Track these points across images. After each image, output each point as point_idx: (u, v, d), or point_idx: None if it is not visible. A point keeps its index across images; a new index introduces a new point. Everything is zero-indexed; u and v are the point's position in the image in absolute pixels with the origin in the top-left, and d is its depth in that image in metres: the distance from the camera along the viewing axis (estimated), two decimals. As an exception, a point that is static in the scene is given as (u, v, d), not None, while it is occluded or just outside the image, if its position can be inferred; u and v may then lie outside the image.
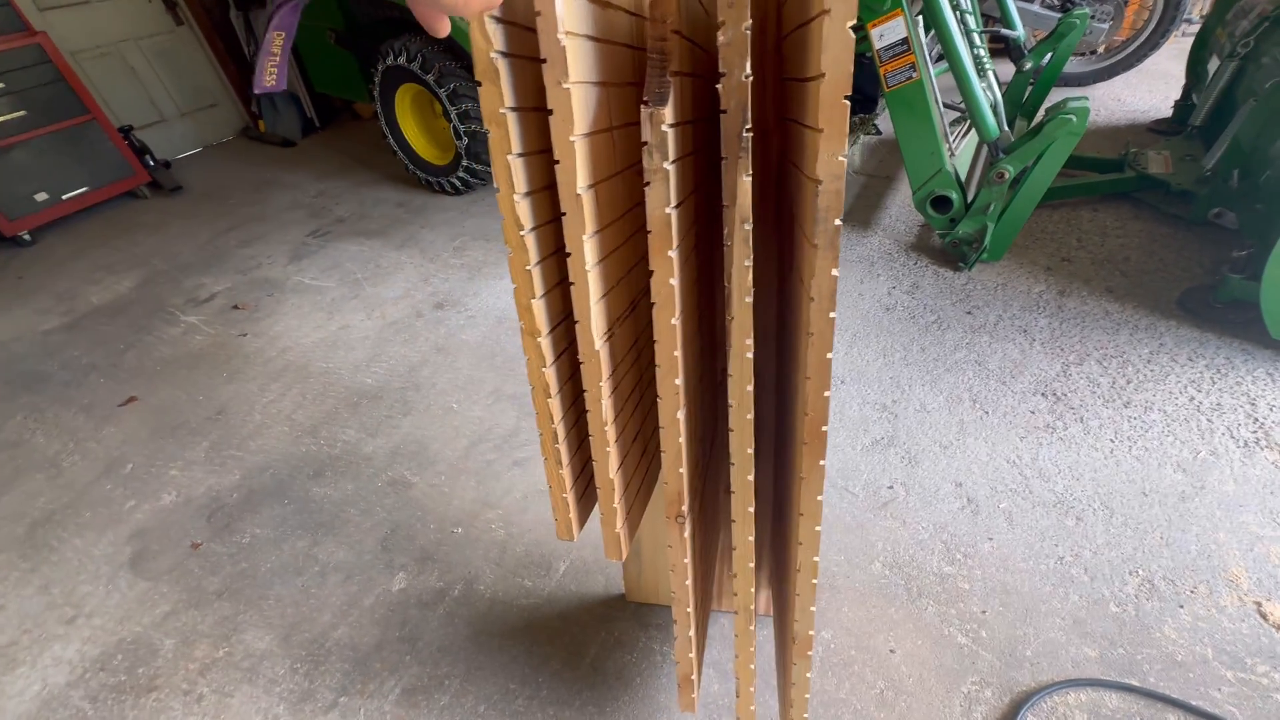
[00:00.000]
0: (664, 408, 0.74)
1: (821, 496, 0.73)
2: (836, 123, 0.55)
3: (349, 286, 3.07)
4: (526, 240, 0.68)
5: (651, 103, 0.59)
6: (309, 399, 2.34)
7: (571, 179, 0.63)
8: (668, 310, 0.68)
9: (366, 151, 4.89)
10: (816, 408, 0.68)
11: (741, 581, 0.83)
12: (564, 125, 0.60)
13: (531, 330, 0.73)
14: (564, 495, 0.84)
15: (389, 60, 3.43)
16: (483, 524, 1.76)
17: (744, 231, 0.62)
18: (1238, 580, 1.37)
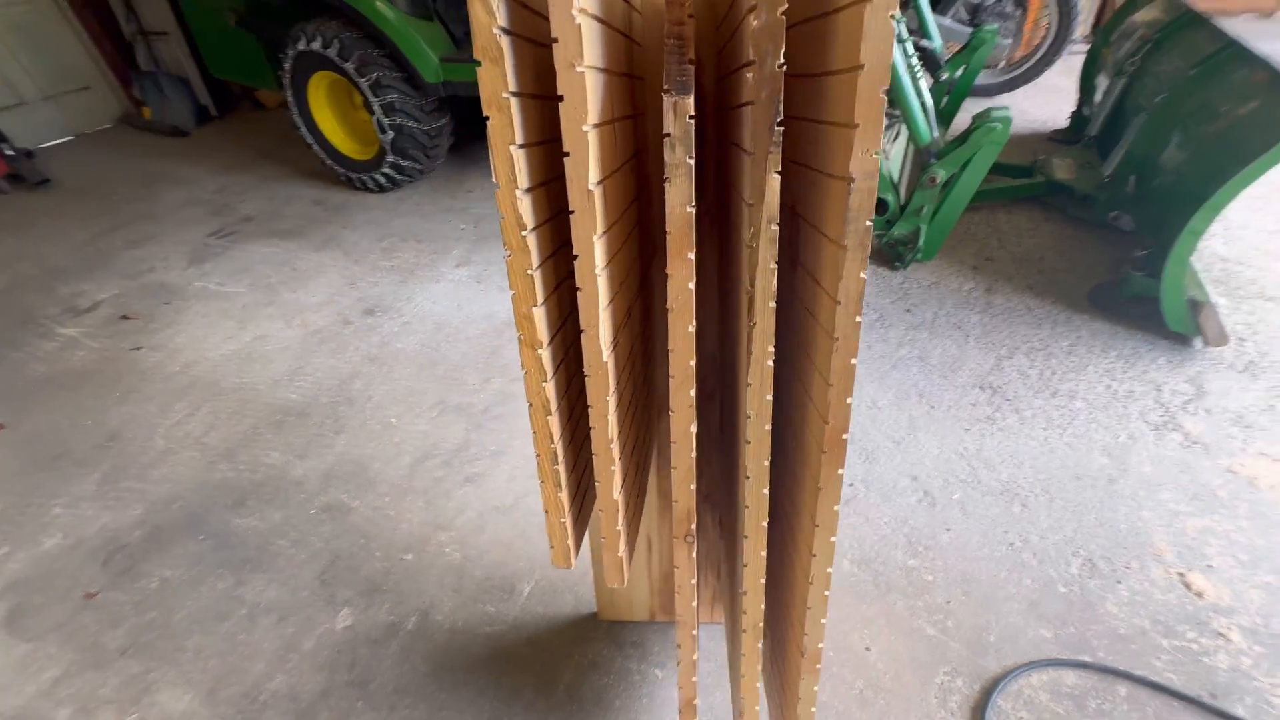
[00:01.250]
0: (677, 421, 0.68)
1: (837, 506, 0.70)
2: (873, 117, 0.52)
3: (263, 292, 2.79)
4: (529, 241, 0.60)
5: (674, 91, 0.54)
6: (222, 419, 2.10)
7: (583, 172, 0.56)
8: (685, 317, 0.63)
9: (274, 144, 4.50)
10: (839, 415, 0.65)
11: (752, 599, 0.79)
12: (577, 112, 0.54)
13: (531, 341, 0.66)
14: (562, 520, 0.77)
15: (301, 45, 3.16)
16: (435, 548, 1.63)
17: (771, 232, 0.57)
18: (1163, 554, 1.49)
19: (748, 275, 0.61)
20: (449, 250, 3.02)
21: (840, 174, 0.55)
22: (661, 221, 1.01)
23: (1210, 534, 1.53)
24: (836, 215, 0.57)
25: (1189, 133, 2.15)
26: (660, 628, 1.43)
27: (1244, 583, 1.42)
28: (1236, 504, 1.59)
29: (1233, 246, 2.57)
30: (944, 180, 2.30)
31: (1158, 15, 2.84)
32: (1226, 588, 1.42)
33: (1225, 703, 1.23)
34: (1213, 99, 2.10)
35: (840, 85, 0.53)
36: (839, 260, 0.57)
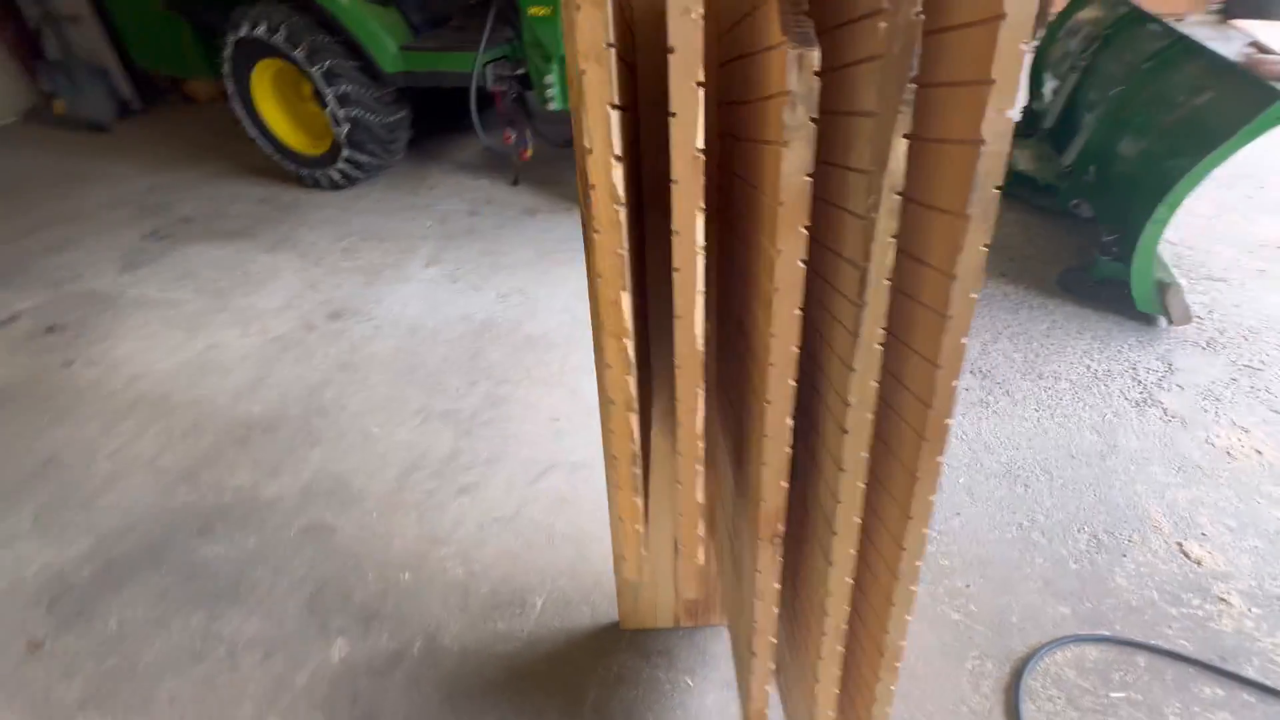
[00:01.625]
0: (772, 413, 0.63)
1: (934, 496, 0.66)
2: (1012, 72, 0.47)
3: (212, 297, 2.57)
4: (621, 216, 0.53)
5: (795, 42, 0.48)
6: (177, 437, 1.90)
7: (690, 135, 0.50)
8: (792, 299, 0.57)
9: (210, 139, 4.18)
10: (944, 399, 0.61)
11: (836, 601, 0.74)
12: (689, 66, 0.47)
13: (617, 330, 0.59)
14: (637, 527, 0.70)
15: (243, 31, 2.93)
16: (435, 565, 1.52)
17: (893, 202, 0.52)
18: (1160, 525, 1.55)
19: (860, 250, 0.56)
20: (416, 249, 2.86)
21: (966, 137, 0.50)
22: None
23: (1199, 503, 1.59)
24: (956, 183, 0.52)
25: (1147, 123, 2.26)
26: (686, 634, 1.37)
27: (1235, 548, 1.49)
28: (1218, 473, 1.67)
29: (1179, 231, 2.72)
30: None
31: (1100, 14, 2.99)
32: (1221, 554, 1.48)
33: (1235, 665, 1.28)
34: (1168, 91, 2.21)
35: (973, 38, 0.49)
36: (958, 233, 0.53)
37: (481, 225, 3.03)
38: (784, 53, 0.47)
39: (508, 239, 2.91)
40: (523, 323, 2.35)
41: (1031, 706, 1.23)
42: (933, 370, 0.60)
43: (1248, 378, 1.96)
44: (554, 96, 2.69)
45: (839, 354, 0.63)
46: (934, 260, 0.56)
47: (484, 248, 2.85)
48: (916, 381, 0.62)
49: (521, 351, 2.21)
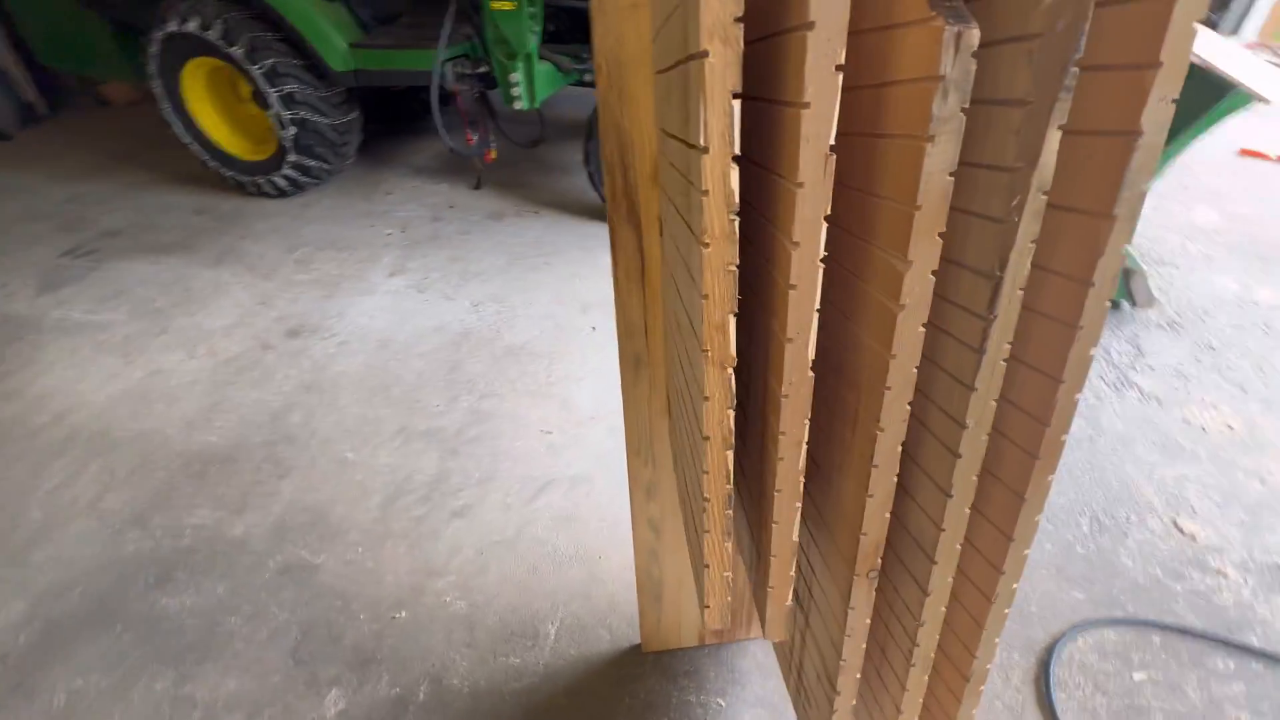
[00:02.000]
0: (884, 441, 0.57)
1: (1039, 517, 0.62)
2: (1181, 55, 0.43)
3: (149, 319, 2.33)
4: (735, 227, 0.46)
5: (950, 19, 0.42)
6: (121, 477, 1.70)
7: (826, 130, 0.43)
8: (918, 315, 0.51)
9: (133, 145, 3.85)
10: (1064, 415, 0.56)
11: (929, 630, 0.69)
12: (830, 46, 0.40)
13: (722, 359, 0.51)
14: (726, 574, 0.63)
15: (172, 27, 2.69)
16: (433, 599, 1.40)
17: (1040, 202, 0.47)
18: (1153, 504, 1.60)
19: (990, 258, 0.50)
20: (377, 258, 2.69)
21: (1121, 129, 0.45)
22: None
23: (1185, 480, 1.65)
24: (1103, 180, 0.47)
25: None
26: (712, 651, 1.31)
27: (1223, 521, 1.55)
28: (1197, 449, 1.74)
29: (1127, 220, 2.87)
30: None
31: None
32: (1211, 528, 1.53)
33: (1241, 636, 1.32)
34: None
35: (1138, 15, 0.44)
36: (1099, 235, 0.48)
37: (446, 231, 2.89)
38: (938, 30, 0.41)
39: (476, 245, 2.78)
40: (501, 332, 2.24)
41: (1062, 695, 1.22)
42: (1054, 385, 0.55)
43: (1209, 356, 2.06)
44: (520, 95, 2.58)
45: (951, 372, 0.57)
46: (1063, 267, 0.51)
47: (451, 254, 2.71)
48: (1031, 398, 0.57)
49: (503, 362, 2.10)
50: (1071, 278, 0.51)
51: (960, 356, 0.56)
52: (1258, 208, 2.95)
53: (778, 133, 0.48)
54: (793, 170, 0.45)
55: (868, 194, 0.54)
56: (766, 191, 0.53)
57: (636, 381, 1.01)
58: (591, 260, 2.66)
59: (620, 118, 0.82)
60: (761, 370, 0.61)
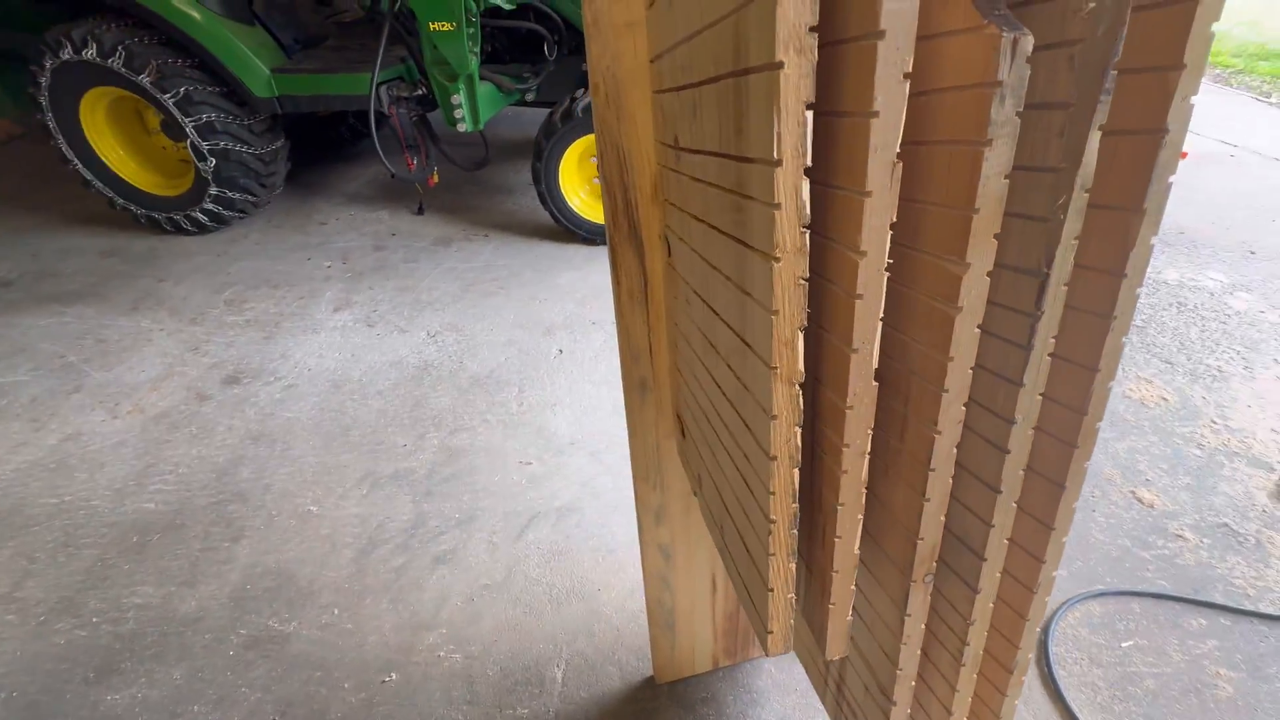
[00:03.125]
0: (941, 444, 0.56)
1: (1075, 503, 0.64)
2: (1201, 56, 0.45)
3: (58, 376, 2.09)
4: (806, 242, 0.44)
5: (1005, 27, 0.42)
6: (41, 560, 1.50)
7: (892, 139, 0.42)
8: (975, 316, 0.51)
9: (17, 185, 3.48)
10: (1098, 404, 0.58)
11: (978, 629, 0.69)
12: (898, 55, 0.39)
13: (791, 375, 0.49)
14: (790, 596, 0.60)
15: (65, 54, 2.45)
16: (425, 655, 1.30)
17: (1082, 200, 0.48)
18: (1113, 477, 1.70)
19: (1035, 257, 0.51)
20: (319, 293, 2.53)
21: (1149, 127, 0.47)
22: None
23: (1136, 452, 1.77)
24: (1132, 176, 0.49)
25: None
26: (726, 675, 1.27)
27: (1174, 488, 1.67)
28: (1142, 422, 1.87)
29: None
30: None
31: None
32: (1165, 495, 1.65)
33: (1206, 594, 1.41)
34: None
35: (1162, 20, 0.45)
36: (1130, 228, 0.50)
37: (391, 260, 2.75)
38: (995, 37, 0.41)
39: (424, 272, 2.66)
40: (464, 362, 2.14)
41: (1063, 672, 1.27)
42: (1090, 375, 0.56)
43: (1136, 335, 2.24)
44: (464, 117, 2.51)
45: (996, 371, 0.57)
46: (1096, 260, 0.53)
47: (399, 284, 2.58)
48: (1066, 389, 0.58)
49: (470, 394, 2.00)
50: (1105, 270, 0.52)
51: (1006, 355, 0.56)
52: (1152, 197, 3.25)
53: (840, 143, 0.47)
54: (860, 180, 0.44)
55: (915, 201, 0.54)
56: (825, 202, 0.51)
57: (643, 405, 0.97)
58: (548, 281, 2.60)
59: (619, 137, 0.79)
60: (819, 384, 0.59)
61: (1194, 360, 2.11)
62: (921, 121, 0.51)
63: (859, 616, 0.78)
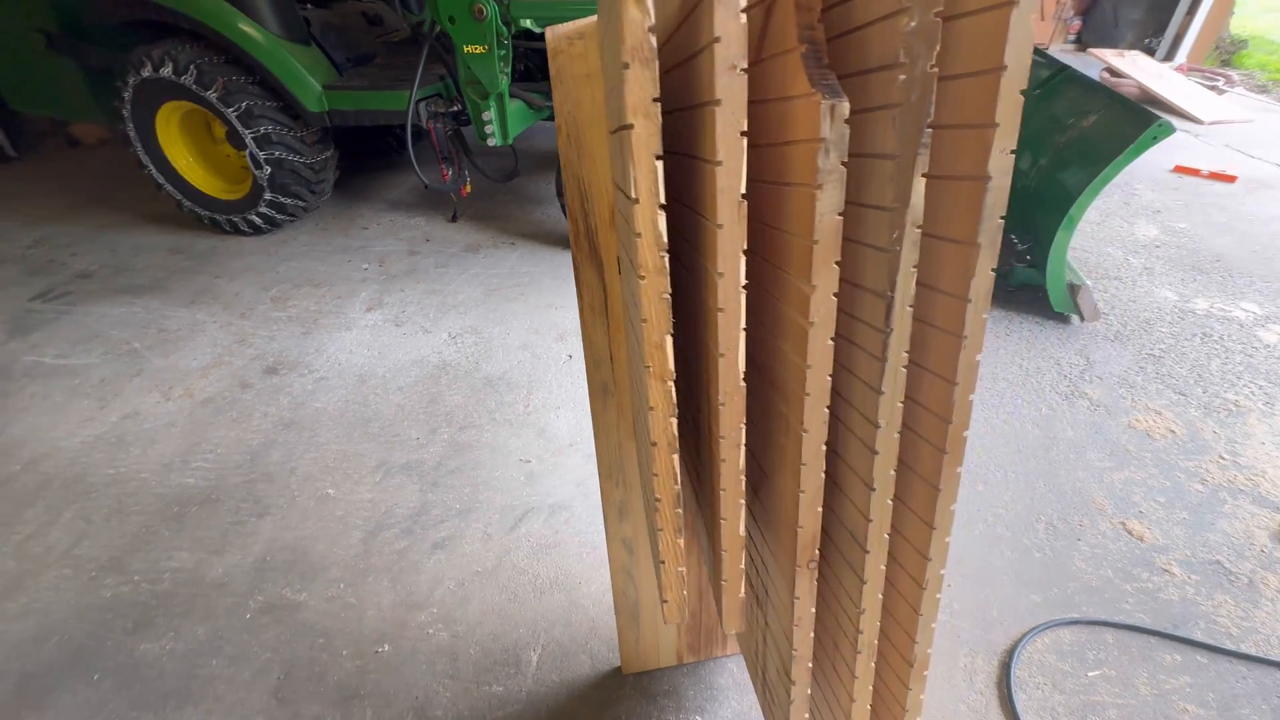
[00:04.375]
0: (809, 442, 0.64)
1: (954, 505, 0.69)
2: (1013, 116, 0.52)
3: (123, 361, 2.33)
4: (665, 262, 0.53)
5: (827, 95, 0.50)
6: (97, 523, 1.70)
7: (735, 183, 0.51)
8: (826, 330, 0.59)
9: (102, 186, 3.84)
10: (961, 414, 0.64)
11: (870, 618, 0.75)
12: (734, 117, 0.48)
13: (662, 373, 0.58)
14: (680, 569, 0.68)
15: (145, 72, 2.73)
16: (415, 631, 1.42)
17: (914, 235, 0.56)
18: (1104, 508, 1.69)
19: (882, 281, 0.59)
20: (355, 294, 2.73)
21: (975, 174, 0.54)
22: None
23: (1132, 483, 1.75)
24: (968, 215, 0.56)
25: (1042, 143, 2.51)
26: (689, 670, 1.35)
27: (1168, 521, 1.64)
28: (1143, 454, 1.84)
29: (1075, 236, 3.03)
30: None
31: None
32: (1158, 529, 1.62)
33: (1185, 630, 1.40)
34: (1058, 115, 2.47)
35: (977, 87, 0.53)
36: (969, 259, 0.57)
37: (423, 264, 2.93)
38: (817, 103, 0.49)
39: (452, 277, 2.83)
40: (480, 363, 2.28)
41: (1023, 696, 1.29)
42: (950, 388, 0.63)
43: (1152, 365, 2.19)
44: (494, 133, 2.67)
45: (864, 379, 0.65)
46: (947, 286, 0.60)
47: (428, 287, 2.76)
48: (934, 400, 0.65)
49: (482, 393, 2.14)
50: (955, 295, 0.59)
51: (869, 366, 0.64)
52: (1193, 221, 3.14)
53: (700, 184, 0.56)
54: (714, 214, 0.53)
55: (781, 230, 0.62)
56: (698, 231, 0.60)
57: (606, 408, 1.06)
58: (567, 289, 2.72)
59: (580, 170, 0.89)
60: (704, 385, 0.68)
61: (1210, 393, 2.05)
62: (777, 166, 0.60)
63: (771, 604, 0.85)
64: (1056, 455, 1.85)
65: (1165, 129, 1.92)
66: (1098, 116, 2.24)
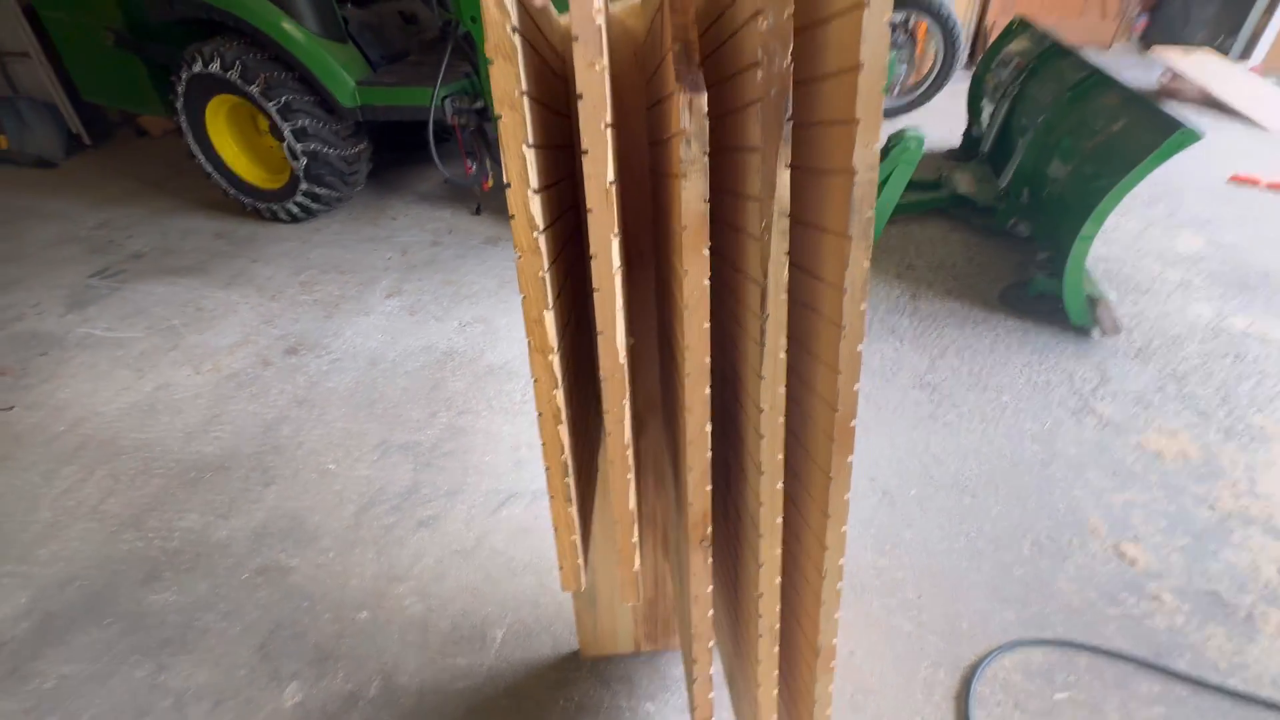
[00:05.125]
0: (692, 420, 0.66)
1: (848, 495, 0.70)
2: (874, 113, 0.53)
3: (163, 336, 2.51)
4: (540, 242, 0.57)
5: (688, 89, 0.53)
6: (123, 482, 1.85)
7: (602, 170, 0.54)
8: (700, 314, 0.61)
9: (162, 173, 4.12)
10: (847, 402, 0.65)
11: (768, 601, 0.77)
12: (596, 110, 0.52)
13: (541, 347, 0.62)
14: (572, 538, 0.72)
15: (197, 68, 2.92)
16: (393, 602, 1.50)
17: (783, 224, 0.57)
18: (1098, 530, 1.62)
19: (759, 269, 0.60)
20: (376, 281, 2.85)
21: (843, 168, 0.56)
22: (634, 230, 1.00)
23: (1133, 505, 1.68)
24: (839, 208, 0.58)
25: (1071, 148, 2.41)
26: (646, 659, 1.38)
27: (1166, 548, 1.57)
28: (1149, 476, 1.76)
29: (1110, 247, 2.89)
30: (867, 195, 2.44)
31: (1028, 45, 3.19)
32: (1153, 554, 1.55)
33: (1168, 660, 1.34)
34: (1087, 119, 2.37)
35: (839, 84, 0.54)
36: (844, 250, 0.58)
37: (443, 255, 3.04)
38: (677, 98, 0.52)
39: (469, 268, 2.92)
40: (484, 352, 2.36)
41: (981, 714, 1.26)
42: (835, 376, 0.64)
43: (1175, 384, 2.08)
44: (511, 129, 2.74)
45: (751, 364, 0.67)
46: (828, 276, 0.61)
47: (445, 277, 2.86)
48: (823, 387, 0.67)
49: (483, 381, 2.21)
50: (834, 285, 0.61)
51: (754, 352, 0.66)
52: (1244, 234, 2.94)
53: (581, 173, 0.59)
54: (588, 200, 0.57)
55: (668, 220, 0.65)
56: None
57: (559, 401, 1.10)
58: (577, 284, 2.78)
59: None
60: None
61: (1234, 416, 1.94)
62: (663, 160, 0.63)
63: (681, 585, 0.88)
64: (1054, 472, 1.79)
65: (1189, 136, 1.82)
66: (1127, 120, 2.14)
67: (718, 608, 1.10)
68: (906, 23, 4.34)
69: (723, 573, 1.01)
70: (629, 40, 0.91)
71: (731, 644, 0.99)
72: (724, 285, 0.82)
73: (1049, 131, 2.58)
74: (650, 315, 1.10)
